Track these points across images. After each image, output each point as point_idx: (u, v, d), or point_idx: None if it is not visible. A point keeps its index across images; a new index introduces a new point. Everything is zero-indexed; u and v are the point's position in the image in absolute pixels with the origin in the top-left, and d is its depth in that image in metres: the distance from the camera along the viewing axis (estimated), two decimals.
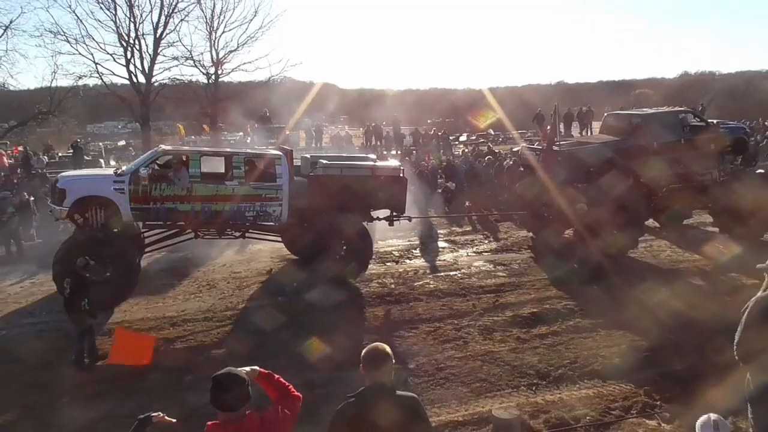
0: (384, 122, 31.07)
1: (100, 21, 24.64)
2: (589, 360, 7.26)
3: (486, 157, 20.64)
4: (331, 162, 11.00)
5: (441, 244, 13.72)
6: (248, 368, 3.01)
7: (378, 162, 11.74)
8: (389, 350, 3.10)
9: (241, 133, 29.37)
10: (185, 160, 10.01)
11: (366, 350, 3.10)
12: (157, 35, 24.41)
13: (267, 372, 3.14)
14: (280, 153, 10.56)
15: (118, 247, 9.51)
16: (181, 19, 24.74)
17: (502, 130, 31.23)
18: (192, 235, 10.47)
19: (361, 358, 3.09)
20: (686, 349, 7.34)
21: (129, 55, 24.19)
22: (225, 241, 11.23)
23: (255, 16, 26.66)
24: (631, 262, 11.35)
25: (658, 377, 6.72)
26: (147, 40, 24.60)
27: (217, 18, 25.35)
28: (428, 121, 37.83)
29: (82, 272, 7.55)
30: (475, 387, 6.74)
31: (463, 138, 32.37)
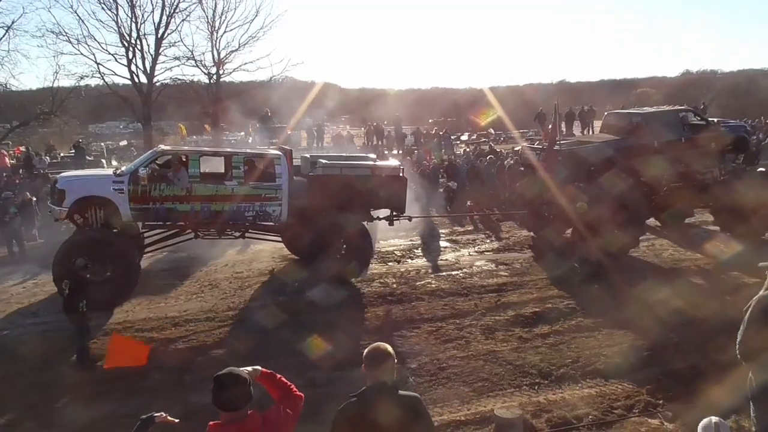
0: (385, 122, 31.07)
1: (101, 21, 24.87)
2: (592, 359, 7.24)
3: (488, 156, 20.63)
4: (331, 161, 10.98)
5: (443, 243, 13.70)
6: (250, 368, 3.02)
7: (378, 161, 11.71)
8: (391, 350, 3.09)
9: (243, 133, 29.40)
10: (184, 160, 10.00)
11: (368, 350, 3.09)
12: (159, 35, 24.52)
13: (269, 371, 3.14)
14: (280, 153, 10.53)
15: (118, 248, 9.51)
16: (183, 19, 24.87)
17: (503, 129, 31.20)
18: (192, 235, 10.46)
19: (363, 358, 3.08)
20: (688, 347, 7.33)
21: (131, 55, 24.30)
22: (227, 241, 11.20)
23: (256, 16, 26.86)
24: (633, 261, 11.32)
25: (660, 376, 6.70)
26: (148, 40, 24.73)
27: (219, 18, 25.49)
28: (430, 121, 37.83)
29: (81, 273, 7.54)
30: (477, 386, 6.72)
31: (464, 137, 32.36)
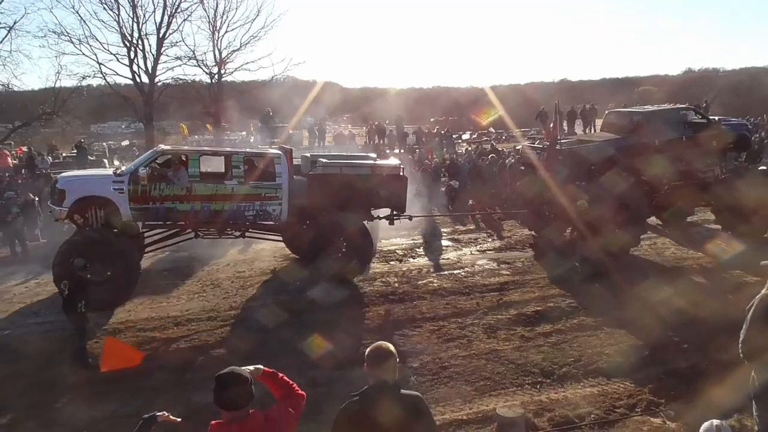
0: (387, 121, 31.07)
1: (103, 21, 24.96)
2: (594, 358, 7.23)
3: (489, 155, 20.62)
4: (331, 161, 10.97)
5: (444, 242, 13.69)
6: (252, 367, 3.02)
7: (378, 160, 11.70)
8: (393, 349, 3.10)
9: (244, 133, 29.42)
10: (184, 159, 10.00)
11: (370, 349, 3.09)
12: (160, 35, 24.53)
13: (271, 371, 3.14)
14: (280, 152, 10.51)
15: (117, 247, 9.49)
16: (184, 19, 24.89)
17: (504, 128, 31.18)
18: (192, 234, 10.45)
19: (365, 357, 3.08)
20: (690, 346, 7.32)
21: (132, 55, 24.33)
22: (228, 241, 11.21)
23: (258, 16, 26.92)
24: (635, 260, 11.31)
25: (662, 375, 6.69)
26: (150, 40, 24.75)
27: (220, 17, 25.49)
28: (431, 120, 37.86)
29: (80, 273, 7.54)
30: (479, 385, 6.72)
31: (466, 136, 32.36)
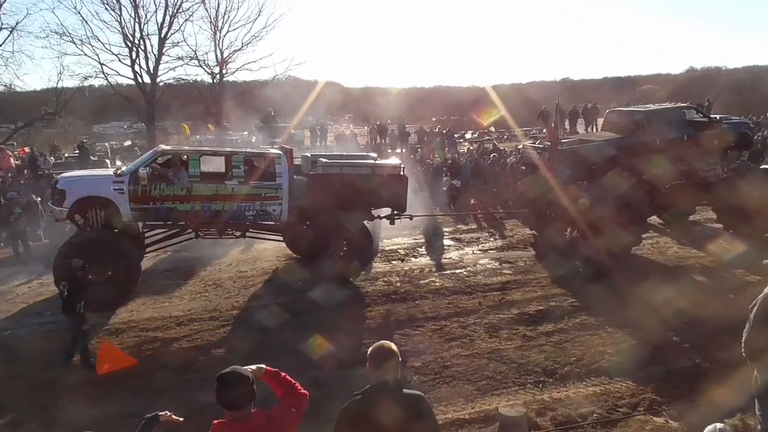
0: (388, 120, 31.09)
1: (105, 22, 25.05)
2: (596, 357, 7.23)
3: (491, 155, 20.60)
4: (331, 161, 10.96)
5: (446, 242, 13.69)
6: (254, 366, 3.03)
7: (378, 160, 11.68)
8: (395, 348, 3.09)
9: (246, 132, 29.46)
10: (185, 159, 10.00)
11: (372, 348, 3.09)
12: (162, 35, 24.63)
13: (274, 370, 3.14)
14: (280, 152, 10.49)
15: (117, 248, 9.50)
16: (186, 19, 25.02)
17: (506, 127, 31.17)
18: (192, 235, 10.44)
19: (367, 356, 3.09)
20: (693, 346, 7.30)
21: (134, 55, 24.43)
22: (230, 240, 11.20)
23: (259, 16, 27.12)
24: (638, 259, 11.29)
25: (665, 374, 6.69)
26: (152, 41, 24.85)
27: (222, 18, 25.61)
28: (433, 119, 37.85)
29: (79, 274, 7.53)
30: (482, 385, 6.72)
31: (468, 135, 32.35)
